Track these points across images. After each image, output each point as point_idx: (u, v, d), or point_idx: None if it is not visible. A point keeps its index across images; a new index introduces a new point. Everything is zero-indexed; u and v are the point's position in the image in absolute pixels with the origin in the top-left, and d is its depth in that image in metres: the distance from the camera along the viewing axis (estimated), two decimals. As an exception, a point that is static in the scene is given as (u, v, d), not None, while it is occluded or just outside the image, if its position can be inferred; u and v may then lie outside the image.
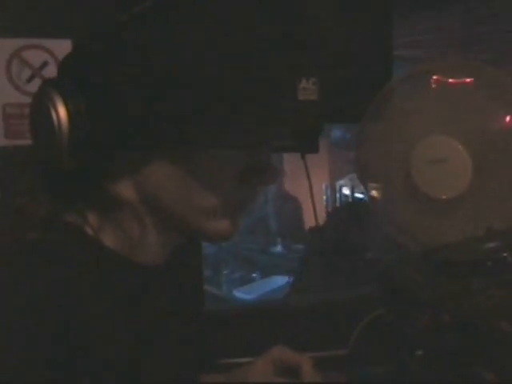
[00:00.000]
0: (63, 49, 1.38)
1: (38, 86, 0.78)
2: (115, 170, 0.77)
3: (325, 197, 5.50)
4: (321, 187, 5.48)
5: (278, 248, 5.03)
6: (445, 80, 1.03)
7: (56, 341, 0.66)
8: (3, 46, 1.42)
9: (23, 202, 0.79)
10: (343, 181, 5.29)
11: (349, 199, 5.07)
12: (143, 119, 0.71)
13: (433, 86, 1.04)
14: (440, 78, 1.03)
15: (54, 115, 0.73)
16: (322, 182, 5.57)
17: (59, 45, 1.42)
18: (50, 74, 1.30)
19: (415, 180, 1.03)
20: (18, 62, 1.43)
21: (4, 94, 1.43)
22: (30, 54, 1.44)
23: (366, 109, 0.82)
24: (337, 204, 5.26)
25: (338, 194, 5.37)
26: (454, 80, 1.03)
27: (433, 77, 1.03)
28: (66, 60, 0.79)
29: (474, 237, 0.97)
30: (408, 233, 1.05)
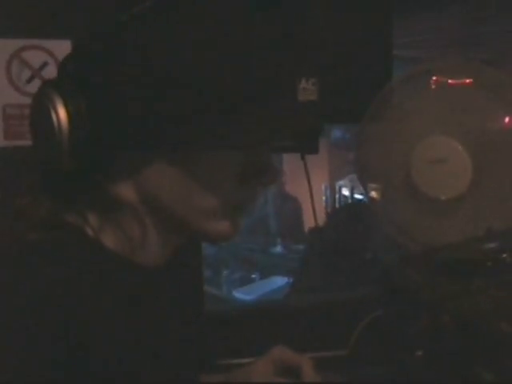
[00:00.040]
0: (63, 49, 1.38)
1: (37, 86, 0.78)
2: (115, 170, 0.77)
3: (324, 197, 5.50)
4: (320, 188, 5.48)
5: (278, 248, 5.03)
6: (445, 80, 1.03)
7: (56, 341, 0.66)
8: (3, 47, 1.41)
9: (23, 203, 0.79)
10: (343, 181, 5.30)
11: (348, 200, 5.07)
12: (143, 119, 0.71)
13: (433, 86, 1.04)
14: (440, 78, 1.03)
15: (54, 116, 0.73)
16: (322, 183, 5.58)
17: (59, 45, 1.42)
18: (50, 74, 1.30)
19: (415, 180, 1.03)
20: (17, 62, 1.43)
21: (4, 94, 1.43)
22: (30, 55, 1.43)
23: (365, 109, 0.82)
24: (336, 205, 5.26)
25: (337, 195, 5.37)
26: (453, 80, 1.03)
27: (433, 77, 1.03)
28: (65, 61, 0.79)
29: (474, 237, 0.97)
30: (408, 233, 1.05)
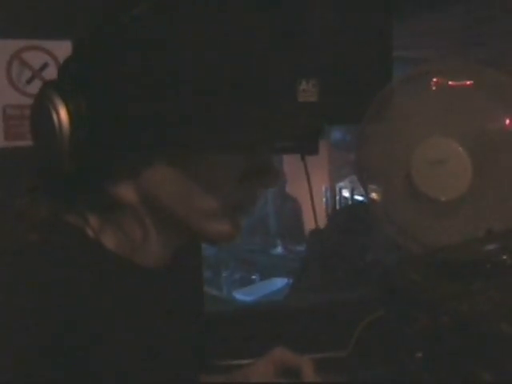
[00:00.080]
0: (63, 50, 1.38)
1: (38, 87, 0.78)
2: (116, 171, 0.77)
3: (324, 199, 5.49)
4: (321, 189, 5.48)
5: (278, 249, 5.02)
6: (444, 81, 1.03)
7: (56, 341, 0.66)
8: (3, 48, 1.41)
9: (24, 204, 0.79)
10: (343, 183, 5.29)
11: (348, 201, 5.07)
12: (143, 120, 0.71)
13: (433, 87, 1.04)
14: (440, 79, 1.03)
15: (55, 117, 0.73)
16: (322, 184, 5.57)
17: (59, 46, 1.42)
18: (50, 75, 1.30)
19: (415, 181, 1.03)
20: (18, 63, 1.43)
21: (4, 95, 1.43)
22: (30, 56, 1.44)
23: (365, 110, 0.82)
24: (337, 206, 5.25)
25: (337, 196, 5.37)
26: (453, 81, 1.03)
27: (433, 78, 1.03)
28: (66, 62, 0.79)
29: (474, 238, 0.97)
30: (408, 234, 1.05)
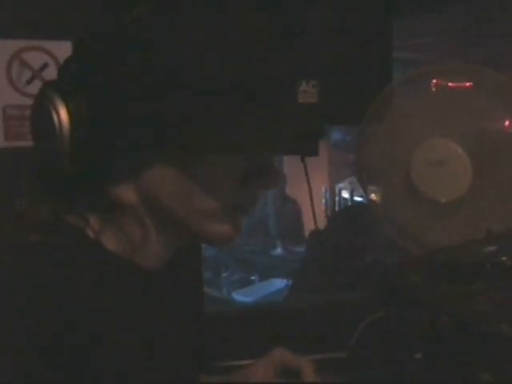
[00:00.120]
0: (63, 50, 1.38)
1: (38, 87, 0.78)
2: (116, 172, 0.77)
3: (324, 200, 5.50)
4: (320, 190, 5.48)
5: (278, 250, 5.02)
6: (445, 83, 1.03)
7: (56, 341, 0.66)
8: (3, 48, 1.42)
9: (24, 204, 0.79)
10: (343, 184, 5.30)
11: (348, 202, 5.07)
12: (144, 121, 0.71)
13: (433, 88, 1.04)
14: (440, 80, 1.03)
15: (55, 117, 0.73)
16: (322, 185, 5.57)
17: (59, 46, 1.42)
18: (50, 75, 1.30)
19: (415, 182, 1.03)
20: (18, 63, 1.43)
21: (4, 95, 1.43)
22: (30, 56, 1.44)
23: (366, 111, 0.82)
24: (336, 207, 5.26)
25: (337, 198, 5.37)
26: (453, 83, 1.03)
27: (433, 80, 1.03)
28: (66, 62, 0.79)
29: (474, 239, 0.97)
30: (408, 234, 1.05)
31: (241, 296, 4.17)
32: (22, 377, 0.65)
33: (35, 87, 0.88)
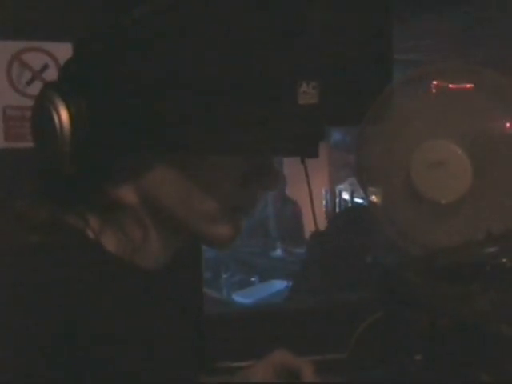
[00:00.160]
0: (63, 52, 1.39)
1: (38, 88, 0.78)
2: (116, 173, 0.77)
3: (324, 201, 5.49)
4: (321, 191, 5.48)
5: (278, 252, 5.02)
6: (445, 84, 1.03)
7: (56, 342, 0.66)
8: (3, 49, 1.42)
9: (24, 205, 0.78)
10: (343, 185, 5.29)
11: (348, 204, 5.07)
12: (144, 121, 0.71)
13: (433, 89, 1.04)
14: (440, 81, 1.03)
15: (56, 118, 0.73)
16: (322, 187, 5.57)
17: (59, 48, 1.42)
18: (51, 76, 1.31)
19: (415, 183, 1.03)
20: (18, 64, 1.43)
21: (4, 96, 1.43)
22: (31, 57, 1.44)
23: (366, 112, 0.82)
24: (336, 209, 5.25)
25: (337, 199, 5.37)
26: (453, 84, 1.03)
27: (433, 80, 1.03)
28: (67, 63, 0.79)
29: (474, 241, 0.97)
30: (408, 235, 1.05)
31: (241, 297, 4.16)
32: (22, 377, 0.65)
33: (35, 88, 0.88)
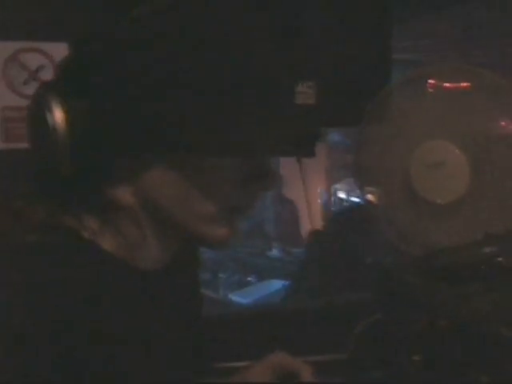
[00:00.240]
0: (60, 52, 1.38)
1: (34, 88, 0.77)
2: (114, 174, 0.76)
3: (320, 201, 5.49)
4: (318, 191, 5.47)
5: (275, 252, 5.02)
6: (443, 84, 1.04)
7: (53, 342, 0.66)
8: (0, 49, 1.41)
9: (22, 205, 0.78)
10: (339, 185, 5.29)
11: (344, 203, 5.07)
12: (142, 122, 0.71)
13: (431, 90, 1.04)
14: (439, 82, 1.03)
15: (51, 118, 0.72)
16: (320, 186, 5.57)
17: (56, 48, 1.42)
18: (47, 77, 1.30)
19: (413, 184, 1.03)
20: (14, 64, 1.43)
21: (1, 97, 1.43)
22: (27, 57, 1.43)
23: (364, 112, 0.82)
24: (332, 208, 5.25)
25: (333, 198, 5.36)
26: (452, 84, 1.03)
27: (432, 81, 1.03)
28: (63, 63, 0.79)
29: (472, 241, 0.97)
30: (406, 236, 1.05)
31: (238, 297, 4.16)
32: (20, 377, 0.65)
33: (32, 88, 0.88)
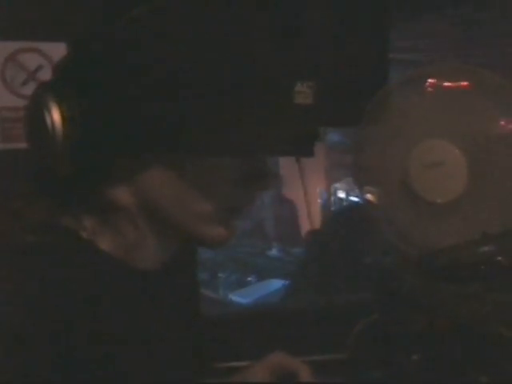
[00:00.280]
0: (58, 52, 1.38)
1: (33, 89, 0.77)
2: (112, 174, 0.76)
3: (320, 200, 5.50)
4: (318, 191, 5.48)
5: (275, 251, 5.02)
6: (442, 84, 1.04)
7: (53, 342, 0.66)
8: (-2, 49, 1.41)
9: (20, 206, 0.78)
10: (338, 184, 5.30)
11: (343, 202, 5.07)
12: (141, 122, 0.71)
13: (430, 89, 1.04)
14: (438, 81, 1.03)
15: (49, 119, 0.72)
16: (319, 186, 5.57)
17: (54, 48, 1.42)
18: (45, 77, 1.30)
19: (412, 183, 1.03)
20: (13, 65, 1.43)
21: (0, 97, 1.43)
22: (26, 57, 1.43)
23: (363, 112, 0.82)
24: (332, 208, 5.25)
25: (332, 197, 5.37)
26: (451, 84, 1.03)
27: (431, 80, 1.03)
28: (60, 63, 0.79)
29: (470, 241, 0.97)
30: (405, 236, 1.05)
31: (238, 297, 4.16)
32: (20, 377, 0.65)
33: (30, 89, 0.87)
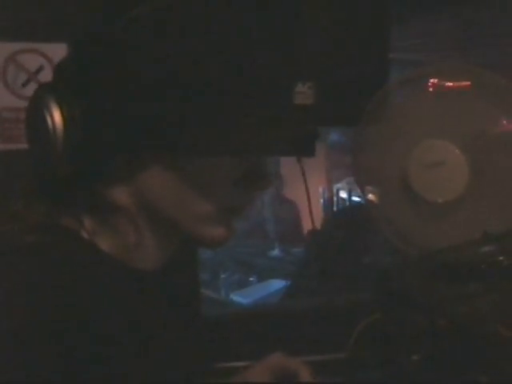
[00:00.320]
0: (59, 53, 1.38)
1: (33, 90, 0.77)
2: (111, 175, 0.77)
3: (322, 200, 5.50)
4: (318, 191, 5.48)
5: (276, 252, 5.02)
6: (443, 84, 1.03)
7: (53, 342, 0.66)
8: (-1, 50, 1.41)
9: (20, 206, 0.78)
10: (340, 184, 5.29)
11: (346, 202, 5.07)
12: (140, 123, 0.71)
13: (431, 89, 1.04)
14: (438, 81, 1.03)
15: (49, 120, 0.72)
16: (320, 186, 5.57)
17: (55, 49, 1.42)
18: (46, 78, 1.30)
19: (412, 183, 1.03)
20: (13, 66, 1.43)
21: (0, 98, 1.43)
22: (26, 58, 1.43)
23: (363, 112, 0.82)
24: (334, 208, 5.25)
25: (335, 198, 5.36)
26: (451, 84, 1.03)
27: (431, 80, 1.03)
28: (61, 64, 0.79)
29: (471, 240, 0.97)
30: (406, 236, 1.05)
31: (239, 297, 4.15)
32: (20, 377, 0.65)
33: (31, 90, 0.87)
